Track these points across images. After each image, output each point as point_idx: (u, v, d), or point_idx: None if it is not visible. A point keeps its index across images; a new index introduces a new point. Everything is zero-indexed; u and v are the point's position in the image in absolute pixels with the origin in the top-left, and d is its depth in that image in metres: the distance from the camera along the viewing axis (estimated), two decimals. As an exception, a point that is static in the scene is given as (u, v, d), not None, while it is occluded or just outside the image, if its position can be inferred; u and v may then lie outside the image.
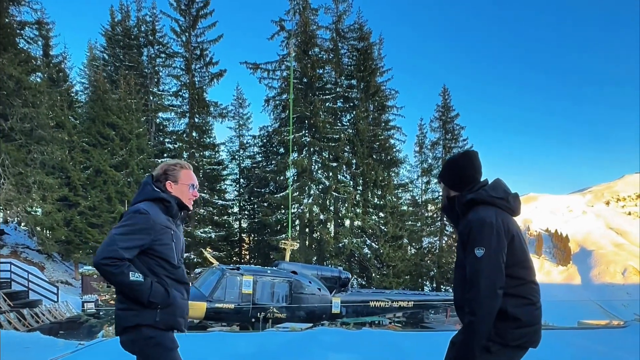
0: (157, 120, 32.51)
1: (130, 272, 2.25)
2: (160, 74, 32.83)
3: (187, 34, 31.73)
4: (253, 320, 12.14)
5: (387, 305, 15.42)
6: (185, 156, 31.09)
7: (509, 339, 2.16)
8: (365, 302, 15.19)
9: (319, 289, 13.71)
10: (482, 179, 2.37)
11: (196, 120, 32.42)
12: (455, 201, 2.34)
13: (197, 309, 11.33)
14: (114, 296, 15.02)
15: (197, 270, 22.08)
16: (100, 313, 17.34)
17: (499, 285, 2.07)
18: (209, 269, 13.09)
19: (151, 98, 31.36)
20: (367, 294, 16.62)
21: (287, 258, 15.42)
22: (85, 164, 25.89)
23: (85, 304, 20.03)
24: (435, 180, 36.88)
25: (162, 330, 2.35)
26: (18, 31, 23.70)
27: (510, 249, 2.15)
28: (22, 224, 27.00)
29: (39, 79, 26.98)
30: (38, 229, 24.14)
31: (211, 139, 33.55)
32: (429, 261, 33.50)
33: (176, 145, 32.06)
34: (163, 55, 32.36)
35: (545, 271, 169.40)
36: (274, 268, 14.62)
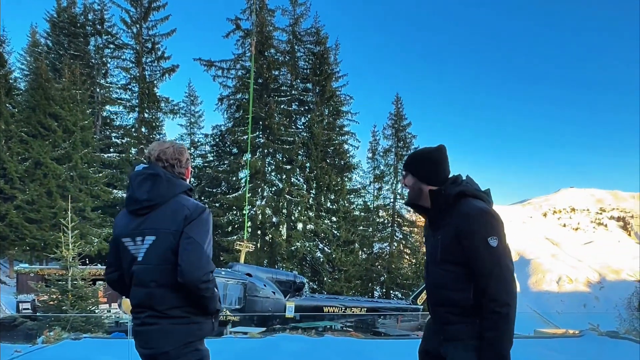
0: (104, 113, 31.06)
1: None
2: (109, 65, 31.43)
3: (137, 26, 30.61)
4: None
5: (340, 312, 15.36)
6: (133, 152, 29.85)
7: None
8: (319, 307, 15.09)
9: (274, 293, 13.53)
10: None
11: (146, 115, 31.26)
12: (433, 194, 2.21)
13: None
14: (56, 297, 14.10)
15: None
16: (37, 314, 16.17)
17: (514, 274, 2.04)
18: None
19: (98, 90, 29.93)
20: (320, 299, 16.54)
21: (242, 260, 15.11)
22: (23, 155, 24.21)
23: (20, 304, 18.68)
24: (387, 187, 37.52)
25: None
26: (-49, 10, 22.00)
27: None
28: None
29: (-28, 63, 25.19)
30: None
31: (161, 136, 32.43)
32: (379, 266, 33.85)
33: (124, 140, 30.73)
34: (112, 46, 31.02)
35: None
36: (227, 269, 14.24)
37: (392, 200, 37.03)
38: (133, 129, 30.82)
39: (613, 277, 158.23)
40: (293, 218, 30.62)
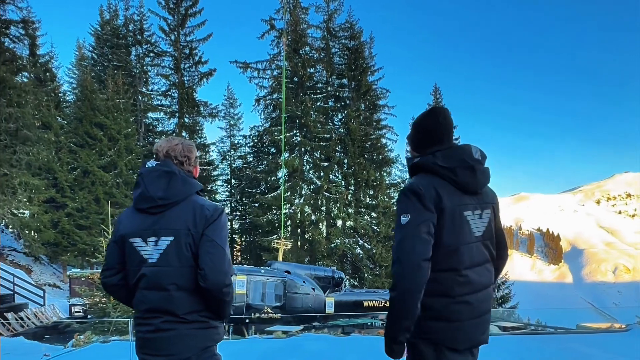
0: (146, 120, 32.12)
1: None
2: (149, 73, 32.44)
3: (175, 33, 31.39)
4: (247, 321, 11.89)
5: (380, 305, 15.23)
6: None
7: (418, 331, 1.89)
8: (359, 302, 15.02)
9: (313, 289, 13.56)
10: (453, 140, 2.08)
11: (186, 120, 32.07)
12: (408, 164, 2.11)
13: None
14: (103, 300, 14.75)
15: None
16: (88, 317, 16.97)
17: (424, 256, 1.78)
18: None
19: (140, 98, 30.96)
20: (360, 294, 16.44)
21: (280, 258, 15.26)
22: (72, 164, 25.49)
23: (72, 307, 19.66)
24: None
25: None
26: (3, 30, 23.26)
27: (438, 225, 1.86)
28: (10, 227, 26.52)
29: (25, 79, 26.57)
30: (25, 231, 23.75)
31: (202, 139, 33.22)
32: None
33: (166, 146, 31.69)
34: (152, 54, 31.97)
35: (538, 270, 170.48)
36: (267, 268, 14.39)
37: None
38: (174, 134, 31.70)
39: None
40: (332, 215, 30.61)
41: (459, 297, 1.89)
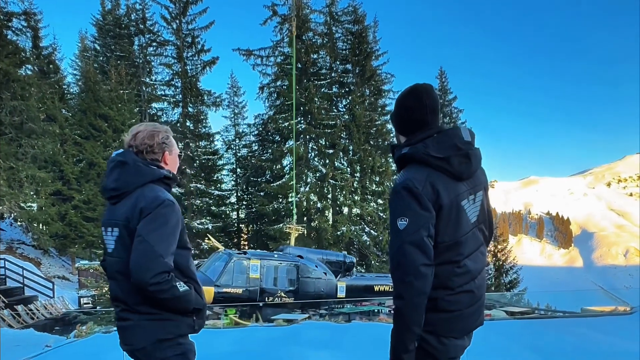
0: (150, 110, 32.06)
1: (178, 283, 1.94)
2: (152, 63, 32.27)
3: (177, 21, 31.14)
4: (261, 305, 12.00)
5: (391, 289, 15.37)
6: (180, 146, 30.60)
7: None
8: (370, 286, 15.07)
9: (325, 273, 13.63)
10: (439, 123, 1.94)
11: (190, 109, 31.97)
12: (391, 151, 2.00)
13: (205, 293, 11.25)
14: (106, 291, 14.87)
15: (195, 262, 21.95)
16: (98, 308, 17.14)
17: (426, 262, 1.72)
18: (215, 254, 12.96)
19: (144, 88, 30.88)
20: (371, 279, 16.49)
21: (293, 242, 15.36)
22: (78, 156, 25.57)
23: (81, 299, 19.88)
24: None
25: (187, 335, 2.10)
26: (5, 22, 23.22)
27: (436, 222, 1.78)
28: (18, 220, 26.77)
29: (28, 71, 26.59)
30: (33, 224, 23.95)
31: (206, 129, 33.14)
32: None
33: (170, 136, 31.64)
34: (154, 44, 31.78)
35: (547, 254, 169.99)
36: (279, 252, 14.45)
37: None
38: (178, 124, 31.66)
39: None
40: (338, 202, 30.56)
41: (458, 288, 1.85)
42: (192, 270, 2.10)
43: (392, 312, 1.82)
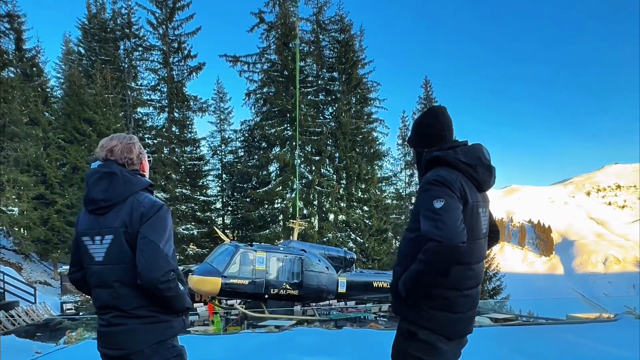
0: (136, 115, 31.82)
1: (179, 282, 2.04)
2: (138, 67, 32.09)
3: (164, 27, 31.05)
4: (266, 296, 12.02)
5: (389, 286, 15.55)
6: (165, 152, 30.48)
7: (421, 319, 1.95)
8: (369, 283, 15.19)
9: (327, 268, 13.73)
10: (455, 139, 2.16)
11: (176, 114, 31.81)
12: (416, 157, 2.20)
13: (213, 284, 11.27)
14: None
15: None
16: (81, 314, 16.88)
17: (462, 239, 1.79)
18: (221, 246, 13.01)
19: (129, 93, 30.65)
20: (370, 275, 16.61)
21: (295, 237, 15.42)
22: (61, 160, 25.24)
23: (64, 304, 19.53)
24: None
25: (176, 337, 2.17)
26: (-13, 24, 22.97)
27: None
28: (-1, 224, 26.26)
29: (11, 74, 26.23)
30: (15, 228, 23.53)
31: (192, 134, 32.98)
32: (414, 254, 33.52)
33: (156, 141, 31.40)
34: (140, 48, 31.63)
35: (529, 262, 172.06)
36: (284, 246, 14.50)
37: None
38: (164, 129, 31.46)
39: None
40: (324, 209, 30.62)
41: (465, 291, 1.97)
42: (180, 272, 2.17)
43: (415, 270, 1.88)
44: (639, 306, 8.79)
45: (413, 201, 35.90)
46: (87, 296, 14.59)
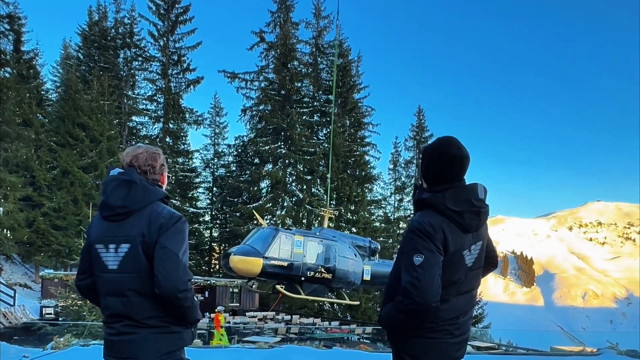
0: (130, 123, 31.82)
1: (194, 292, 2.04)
2: (136, 77, 32.26)
3: (165, 39, 31.36)
4: (302, 278, 12.24)
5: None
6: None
7: (406, 346, 2.03)
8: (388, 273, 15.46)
9: (355, 255, 13.92)
10: (464, 175, 2.08)
11: (171, 125, 31.90)
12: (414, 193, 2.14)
13: (254, 265, 11.44)
14: (78, 302, 14.46)
15: None
16: (60, 320, 16.60)
17: (437, 299, 1.88)
18: (259, 229, 13.09)
19: (125, 101, 30.72)
20: (391, 264, 16.88)
21: (325, 225, 15.59)
22: (52, 163, 25.03)
23: (43, 309, 19.18)
24: (408, 199, 37.36)
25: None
26: (-14, 24, 23.03)
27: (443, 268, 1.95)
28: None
29: (7, 74, 26.17)
30: (-1, 229, 23.18)
31: (185, 146, 33.06)
32: (398, 278, 33.56)
33: (149, 151, 31.32)
34: (140, 58, 31.82)
35: (510, 292, 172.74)
36: (318, 231, 14.66)
37: (412, 212, 36.87)
38: (158, 139, 31.46)
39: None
40: (313, 228, 30.65)
41: (442, 323, 1.99)
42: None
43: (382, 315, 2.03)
44: (618, 341, 8.98)
45: (401, 225, 36.14)
46: (68, 301, 14.44)
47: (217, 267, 34.63)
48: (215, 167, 35.86)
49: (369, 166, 34.17)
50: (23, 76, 28.48)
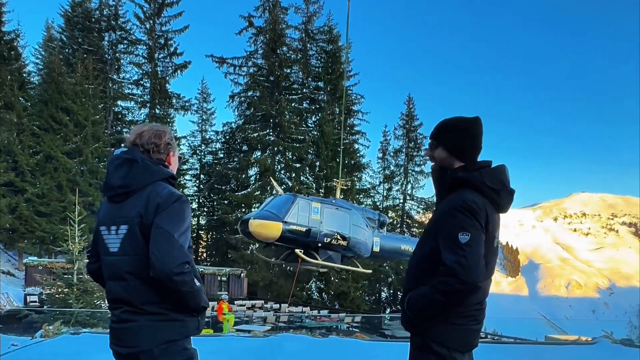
0: (116, 108, 31.19)
1: (194, 277, 1.89)
2: (122, 61, 31.57)
3: (151, 22, 30.67)
4: (319, 244, 12.27)
5: (412, 250, 16.22)
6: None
7: (435, 333, 1.94)
8: (397, 246, 15.73)
9: (367, 226, 14.01)
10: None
11: (157, 111, 31.35)
12: (445, 172, 2.06)
13: (274, 229, 11.36)
14: (62, 291, 14.13)
15: None
16: (44, 308, 16.27)
17: (483, 278, 1.86)
18: (276, 195, 13.10)
19: (110, 85, 30.06)
20: (398, 238, 17.44)
21: (338, 195, 15.67)
22: (35, 148, 24.39)
23: (28, 297, 18.81)
24: (397, 188, 37.36)
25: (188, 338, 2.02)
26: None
27: None
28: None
29: (-14, 55, 25.42)
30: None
31: (172, 132, 32.52)
32: (387, 267, 33.64)
33: (134, 136, 30.81)
34: (125, 41, 31.11)
35: (496, 282, 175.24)
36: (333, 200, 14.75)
37: (401, 201, 36.88)
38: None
39: (623, 284, 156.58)
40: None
41: (472, 307, 1.95)
42: (196, 268, 2.03)
43: (423, 296, 1.89)
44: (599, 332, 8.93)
45: (390, 214, 36.09)
46: (54, 289, 14.14)
47: (205, 255, 34.36)
48: (202, 153, 35.43)
49: (358, 155, 34.01)
50: (4, 58, 27.64)
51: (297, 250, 11.84)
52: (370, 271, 17.07)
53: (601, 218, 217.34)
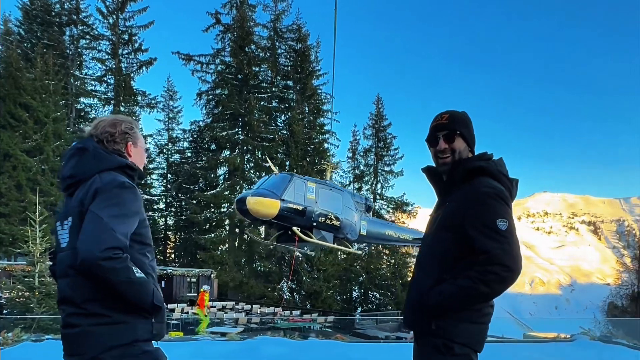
0: (78, 105, 30.12)
1: (134, 269, 1.66)
2: (84, 56, 30.50)
3: (114, 16, 29.80)
4: (314, 224, 12.28)
5: (395, 236, 15.95)
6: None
7: (457, 333, 1.83)
8: (382, 231, 15.69)
9: (356, 209, 13.99)
10: None
11: (122, 108, 30.42)
12: (458, 163, 1.99)
13: (272, 206, 11.38)
14: (25, 294, 13.42)
15: None
16: (4, 312, 15.46)
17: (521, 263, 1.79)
18: (272, 174, 12.87)
19: (72, 81, 28.99)
20: (383, 224, 17.36)
21: (328, 178, 15.63)
22: (-9, 146, 23.23)
23: (-18, 302, 17.87)
24: (367, 187, 37.49)
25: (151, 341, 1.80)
26: None
27: None
28: None
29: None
30: None
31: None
32: (358, 267, 33.69)
33: (98, 134, 29.86)
34: (88, 36, 30.09)
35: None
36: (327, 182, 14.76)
37: (371, 200, 37.09)
38: (108, 123, 29.99)
39: (583, 280, 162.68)
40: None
41: (489, 305, 1.91)
42: (152, 267, 1.85)
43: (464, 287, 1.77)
44: (572, 326, 9.14)
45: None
46: (14, 293, 13.44)
47: (173, 256, 33.56)
48: (169, 152, 34.64)
49: (328, 154, 33.94)
50: (-43, 51, 26.33)
51: (294, 228, 11.83)
52: (360, 252, 17.38)
53: (562, 217, 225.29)
